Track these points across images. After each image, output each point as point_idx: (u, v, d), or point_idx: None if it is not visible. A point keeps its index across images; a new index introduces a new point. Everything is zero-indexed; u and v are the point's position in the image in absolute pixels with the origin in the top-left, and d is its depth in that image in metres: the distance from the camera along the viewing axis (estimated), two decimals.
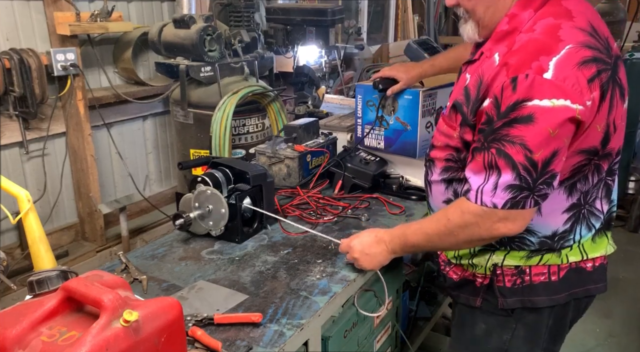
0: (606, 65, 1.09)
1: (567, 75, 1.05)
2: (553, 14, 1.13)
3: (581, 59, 1.06)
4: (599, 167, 1.21)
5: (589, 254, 1.30)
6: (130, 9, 3.22)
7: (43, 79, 2.60)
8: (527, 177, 1.09)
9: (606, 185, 1.27)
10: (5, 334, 0.85)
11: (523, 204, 1.12)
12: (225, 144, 2.35)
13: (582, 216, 1.26)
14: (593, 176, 1.22)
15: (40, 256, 1.91)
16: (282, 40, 3.17)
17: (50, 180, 2.89)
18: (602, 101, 1.10)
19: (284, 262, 1.52)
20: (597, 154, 1.18)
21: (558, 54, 1.06)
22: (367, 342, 1.63)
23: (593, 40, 1.10)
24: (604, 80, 1.09)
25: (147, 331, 0.88)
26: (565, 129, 1.07)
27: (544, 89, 1.04)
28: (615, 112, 1.15)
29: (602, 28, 1.16)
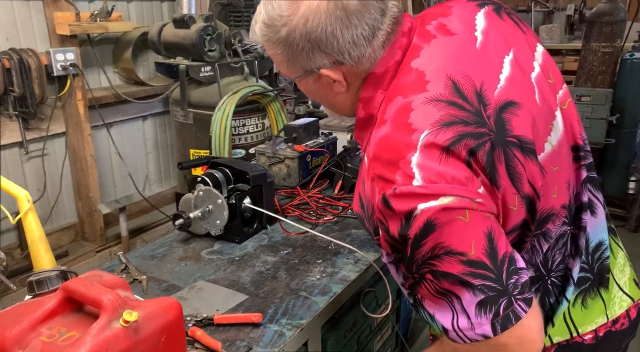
0: (481, 137, 0.84)
1: (437, 174, 0.82)
2: (402, 88, 0.91)
3: (445, 144, 0.82)
4: (545, 233, 0.98)
5: (580, 328, 1.04)
6: (130, 9, 3.22)
7: (43, 79, 2.60)
8: (484, 282, 0.83)
9: (573, 238, 1.03)
10: (5, 334, 0.84)
11: (514, 315, 0.84)
12: (225, 144, 2.35)
13: (550, 286, 1.02)
14: (541, 243, 0.98)
15: (40, 256, 1.90)
16: None
17: (50, 180, 2.89)
18: (496, 182, 0.85)
19: (284, 262, 1.52)
20: (529, 225, 0.93)
21: (415, 150, 0.83)
22: (367, 343, 1.63)
23: (454, 110, 0.85)
24: (487, 155, 0.84)
25: (147, 331, 0.88)
26: (473, 213, 0.83)
27: (422, 196, 0.82)
28: (526, 174, 0.88)
29: (472, 73, 0.89)
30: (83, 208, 3.05)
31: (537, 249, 0.98)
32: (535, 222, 0.93)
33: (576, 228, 1.03)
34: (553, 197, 0.95)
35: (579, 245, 1.03)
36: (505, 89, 0.90)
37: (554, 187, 0.95)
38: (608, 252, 1.07)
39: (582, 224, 1.03)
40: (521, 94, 0.92)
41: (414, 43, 0.95)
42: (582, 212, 1.03)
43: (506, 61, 0.95)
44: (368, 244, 1.62)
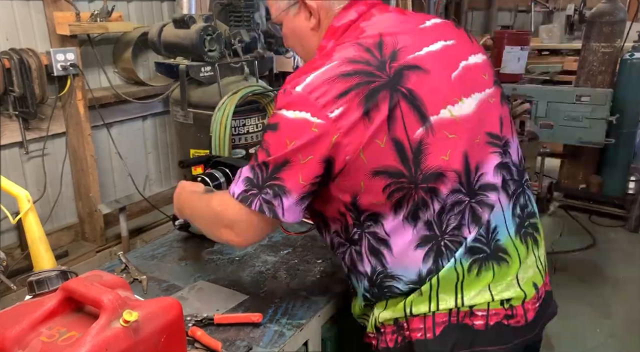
0: (373, 77, 1.03)
1: (314, 89, 1.03)
2: (347, 38, 1.13)
3: (338, 73, 1.03)
4: (435, 191, 1.06)
5: (467, 299, 1.10)
6: (130, 9, 3.22)
7: (43, 79, 2.60)
8: (258, 174, 1.09)
9: (472, 210, 1.09)
10: (5, 334, 0.85)
11: (250, 201, 1.09)
12: (225, 144, 2.35)
13: (443, 248, 1.09)
14: (433, 202, 1.07)
15: (40, 256, 1.90)
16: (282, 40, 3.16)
17: (50, 180, 2.89)
18: (369, 115, 1.01)
19: (284, 262, 1.52)
20: (405, 176, 1.04)
21: (319, 70, 1.06)
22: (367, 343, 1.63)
23: (365, 54, 1.06)
24: (366, 92, 1.01)
25: (147, 331, 0.88)
26: (301, 142, 1.03)
27: (291, 101, 1.05)
28: (410, 126, 1.03)
29: (399, 39, 1.09)
30: (83, 208, 3.05)
31: (429, 205, 1.07)
32: (415, 173, 1.04)
33: (477, 203, 1.10)
34: (442, 159, 1.06)
35: (480, 218, 1.10)
36: (420, 57, 1.09)
37: (446, 150, 1.07)
38: (502, 237, 1.13)
39: (487, 201, 1.11)
40: (436, 66, 1.10)
41: (371, 12, 1.17)
42: (488, 190, 1.11)
43: (440, 43, 1.14)
44: None
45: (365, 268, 1.15)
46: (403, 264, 1.11)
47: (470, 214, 1.10)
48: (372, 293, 1.18)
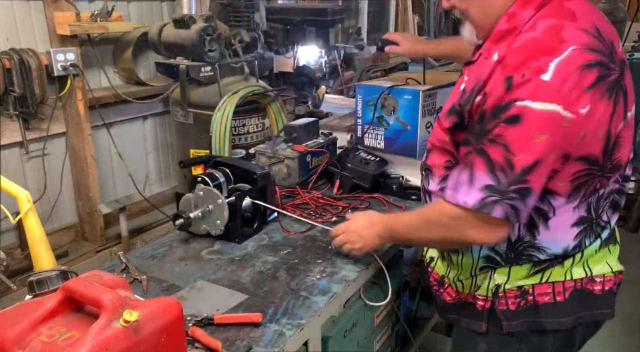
0: (609, 70, 1.04)
1: (566, 79, 1.00)
2: (555, 14, 1.08)
3: (584, 62, 1.01)
4: (607, 178, 1.16)
5: (593, 270, 1.24)
6: (130, 9, 3.22)
7: (43, 79, 2.60)
8: (500, 178, 1.05)
9: (614, 197, 1.22)
10: (5, 334, 0.85)
11: (491, 208, 1.06)
12: (225, 144, 2.35)
13: (591, 230, 1.21)
14: (601, 188, 1.16)
15: (40, 256, 1.91)
16: (282, 40, 3.16)
17: (50, 180, 2.89)
18: (602, 105, 1.05)
19: (284, 262, 1.52)
20: (598, 164, 1.11)
21: (560, 55, 1.01)
22: (367, 342, 1.63)
23: (597, 43, 1.05)
24: (607, 86, 1.04)
25: (147, 331, 0.88)
26: (551, 136, 1.02)
27: (539, 91, 0.99)
28: (618, 120, 1.09)
29: (607, 30, 1.11)
30: (83, 208, 3.05)
31: (598, 191, 1.16)
32: (605, 163, 1.12)
33: (618, 192, 1.22)
34: (624, 152, 1.15)
35: (619, 205, 1.24)
36: (622, 53, 1.12)
37: (628, 144, 1.15)
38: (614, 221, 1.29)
39: (624, 191, 1.24)
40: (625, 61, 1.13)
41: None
42: (625, 181, 1.23)
43: (616, 42, 1.13)
44: None
45: (511, 236, 1.19)
46: (554, 239, 1.18)
47: (614, 201, 1.22)
48: (505, 257, 1.23)
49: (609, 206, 1.22)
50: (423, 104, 1.92)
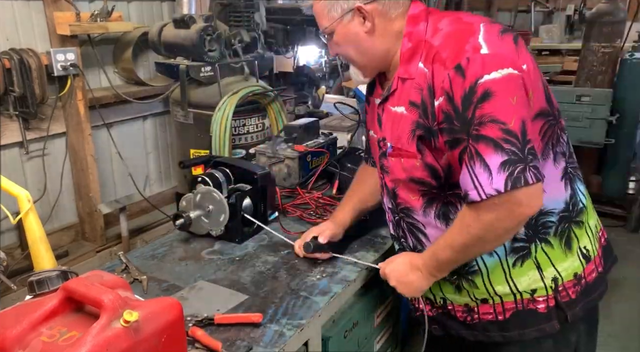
0: (512, 30, 1.18)
1: (499, 46, 1.11)
2: (443, 16, 1.22)
3: (498, 30, 1.14)
4: (560, 126, 1.25)
5: (597, 225, 1.35)
6: (130, 9, 3.22)
7: (43, 79, 2.60)
8: (511, 148, 1.06)
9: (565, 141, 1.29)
10: (6, 334, 0.85)
11: (524, 178, 1.05)
12: (225, 144, 2.35)
13: (572, 175, 1.28)
14: (561, 135, 1.25)
15: (41, 256, 1.90)
16: (282, 40, 3.17)
17: (50, 180, 2.89)
18: (529, 57, 1.15)
19: (284, 262, 1.52)
20: (550, 113, 1.20)
21: (479, 32, 1.12)
22: (367, 343, 1.63)
23: (490, 18, 1.22)
24: (522, 42, 1.16)
25: (147, 331, 0.88)
26: (520, 95, 1.08)
27: (488, 63, 1.07)
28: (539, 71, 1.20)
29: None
30: (83, 208, 3.05)
31: (561, 141, 1.25)
32: (553, 111, 1.21)
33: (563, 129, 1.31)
34: (553, 99, 1.24)
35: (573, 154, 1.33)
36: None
37: (549, 93, 1.24)
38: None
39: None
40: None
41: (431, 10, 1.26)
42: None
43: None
44: (368, 244, 1.62)
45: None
46: (553, 197, 1.22)
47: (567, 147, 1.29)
48: (527, 238, 1.23)
49: (569, 149, 1.30)
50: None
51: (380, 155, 1.35)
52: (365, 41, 1.24)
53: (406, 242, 1.39)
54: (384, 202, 1.42)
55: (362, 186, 1.61)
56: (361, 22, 1.22)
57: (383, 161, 1.35)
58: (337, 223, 1.56)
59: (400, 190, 1.32)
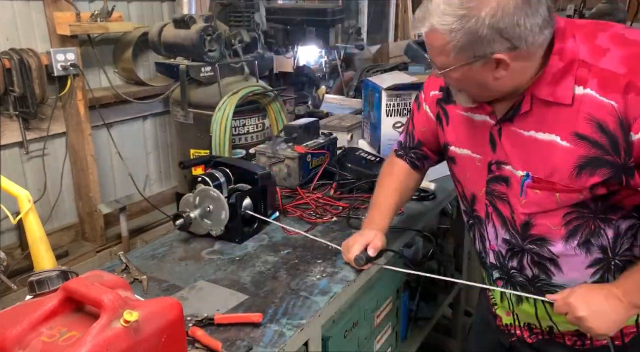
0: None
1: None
2: (583, 27, 1.08)
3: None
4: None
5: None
6: (130, 9, 3.22)
7: (43, 79, 2.60)
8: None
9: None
10: (5, 334, 0.85)
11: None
12: (225, 144, 2.35)
13: (613, 267, 1.17)
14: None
15: (41, 256, 1.90)
16: (282, 40, 3.17)
17: (50, 180, 2.89)
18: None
19: (284, 262, 1.52)
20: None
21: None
22: (367, 342, 1.63)
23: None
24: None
25: (147, 331, 0.88)
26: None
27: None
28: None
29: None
30: (83, 208, 3.05)
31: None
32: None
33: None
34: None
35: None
36: None
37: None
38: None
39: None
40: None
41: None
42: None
43: None
44: None
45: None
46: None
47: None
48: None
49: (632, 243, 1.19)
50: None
51: (491, 179, 1.22)
52: (493, 84, 1.08)
53: (520, 273, 1.26)
54: (486, 230, 1.29)
55: (400, 186, 1.51)
56: (493, 69, 1.04)
57: (495, 187, 1.22)
58: (382, 231, 1.46)
59: (539, 220, 1.17)
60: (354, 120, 2.44)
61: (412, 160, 1.52)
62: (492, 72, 1.05)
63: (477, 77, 1.07)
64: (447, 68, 1.07)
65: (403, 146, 1.53)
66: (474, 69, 1.05)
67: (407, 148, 1.52)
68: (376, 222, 1.49)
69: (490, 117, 1.19)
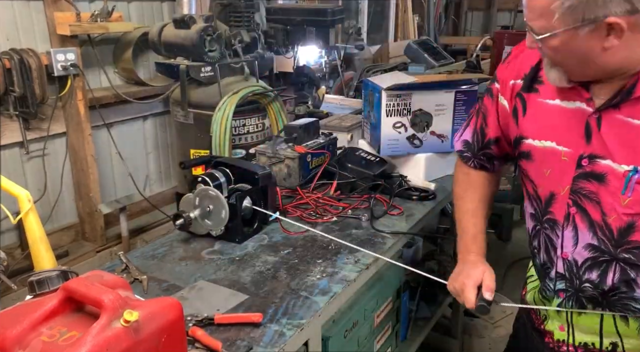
0: None
1: None
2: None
3: None
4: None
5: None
6: (131, 9, 3.22)
7: (43, 79, 2.60)
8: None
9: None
10: (6, 334, 0.85)
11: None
12: (225, 144, 2.35)
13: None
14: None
15: (41, 256, 1.91)
16: (282, 40, 3.17)
17: (51, 180, 2.89)
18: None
19: (284, 262, 1.52)
20: None
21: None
22: (367, 342, 1.63)
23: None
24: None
25: (147, 331, 0.88)
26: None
27: None
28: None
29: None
30: (83, 208, 3.05)
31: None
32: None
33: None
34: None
35: None
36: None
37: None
38: None
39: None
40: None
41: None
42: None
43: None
44: (368, 243, 1.62)
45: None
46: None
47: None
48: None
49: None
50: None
51: (580, 175, 1.09)
52: (598, 57, 0.95)
53: (596, 286, 1.13)
54: (560, 235, 1.16)
55: (483, 197, 1.37)
56: (603, 36, 0.91)
57: (584, 185, 1.08)
58: (483, 261, 1.29)
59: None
60: (354, 120, 2.44)
61: (482, 163, 1.37)
62: (601, 41, 0.91)
63: (581, 46, 0.93)
64: (547, 33, 0.93)
65: (471, 147, 1.37)
66: (580, 35, 0.91)
67: (476, 149, 1.36)
68: (474, 251, 1.31)
69: (587, 104, 1.05)
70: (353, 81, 3.95)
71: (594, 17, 0.88)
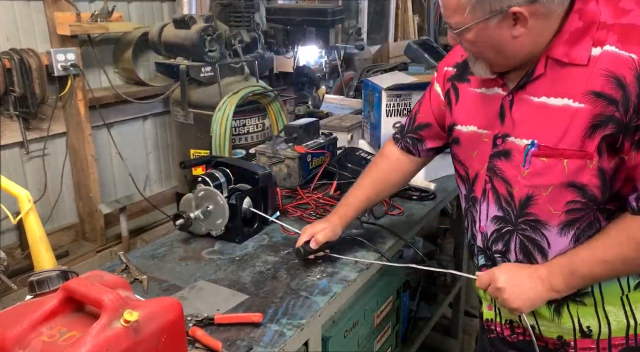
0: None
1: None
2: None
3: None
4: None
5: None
6: (131, 9, 3.22)
7: (43, 79, 2.60)
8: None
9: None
10: (6, 334, 0.85)
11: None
12: (225, 144, 2.35)
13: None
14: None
15: (41, 256, 1.90)
16: (282, 40, 3.17)
17: (51, 180, 2.89)
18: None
19: (284, 262, 1.52)
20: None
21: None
22: (367, 342, 1.63)
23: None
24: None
25: (147, 331, 0.88)
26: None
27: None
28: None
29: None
30: (83, 208, 3.05)
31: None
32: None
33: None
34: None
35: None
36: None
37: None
38: None
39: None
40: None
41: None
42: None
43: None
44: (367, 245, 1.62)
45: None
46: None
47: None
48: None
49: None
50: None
51: (494, 154, 1.17)
52: (510, 45, 1.04)
53: (504, 257, 1.21)
54: (478, 210, 1.23)
55: (381, 177, 1.48)
56: (510, 26, 1.00)
57: (496, 163, 1.17)
58: (334, 223, 1.44)
59: (540, 198, 1.10)
60: (354, 120, 2.44)
61: (407, 145, 1.47)
62: (509, 29, 1.01)
63: (493, 37, 1.03)
64: (462, 27, 1.03)
65: (402, 129, 1.50)
66: (491, 26, 1.01)
67: (405, 131, 1.47)
68: (338, 213, 1.48)
69: (502, 89, 1.15)
70: (353, 81, 3.95)
71: (500, 8, 0.98)
